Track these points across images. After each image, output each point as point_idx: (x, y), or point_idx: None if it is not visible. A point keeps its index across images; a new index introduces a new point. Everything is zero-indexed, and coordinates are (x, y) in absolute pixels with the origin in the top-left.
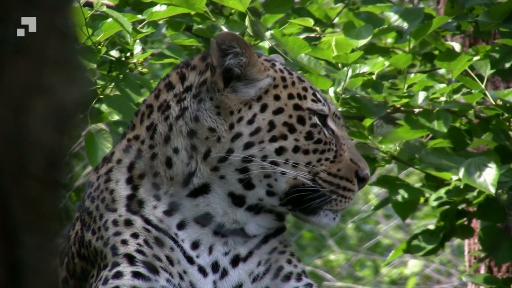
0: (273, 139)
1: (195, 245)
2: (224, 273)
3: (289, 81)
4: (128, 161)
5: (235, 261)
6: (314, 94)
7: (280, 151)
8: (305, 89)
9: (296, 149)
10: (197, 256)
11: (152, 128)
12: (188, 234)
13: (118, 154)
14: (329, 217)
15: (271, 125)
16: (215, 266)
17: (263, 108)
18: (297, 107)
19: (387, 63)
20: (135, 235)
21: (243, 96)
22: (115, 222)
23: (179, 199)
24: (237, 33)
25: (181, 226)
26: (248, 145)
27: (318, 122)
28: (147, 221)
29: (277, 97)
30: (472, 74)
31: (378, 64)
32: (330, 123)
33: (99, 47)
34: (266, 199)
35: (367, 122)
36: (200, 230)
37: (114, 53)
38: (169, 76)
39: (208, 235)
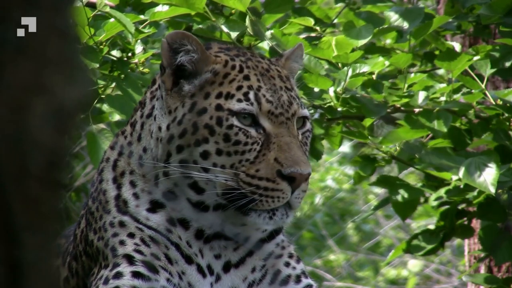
0: (197, 143)
1: (188, 245)
2: (218, 277)
3: (230, 78)
4: (113, 159)
5: (227, 267)
6: (245, 94)
7: (205, 155)
8: (239, 88)
9: (219, 152)
10: (195, 255)
11: (133, 125)
12: (181, 233)
13: (107, 152)
14: (263, 217)
15: (195, 127)
16: (209, 269)
17: (192, 107)
18: (218, 107)
19: (387, 63)
20: (131, 235)
21: (183, 93)
22: (111, 224)
23: (159, 198)
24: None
25: (172, 222)
26: (179, 149)
27: (237, 123)
28: (136, 220)
29: (207, 95)
30: (472, 74)
31: (378, 64)
32: (263, 121)
33: (101, 47)
34: (221, 200)
35: (367, 122)
36: (185, 233)
37: (116, 53)
38: (157, 74)
39: (192, 238)
